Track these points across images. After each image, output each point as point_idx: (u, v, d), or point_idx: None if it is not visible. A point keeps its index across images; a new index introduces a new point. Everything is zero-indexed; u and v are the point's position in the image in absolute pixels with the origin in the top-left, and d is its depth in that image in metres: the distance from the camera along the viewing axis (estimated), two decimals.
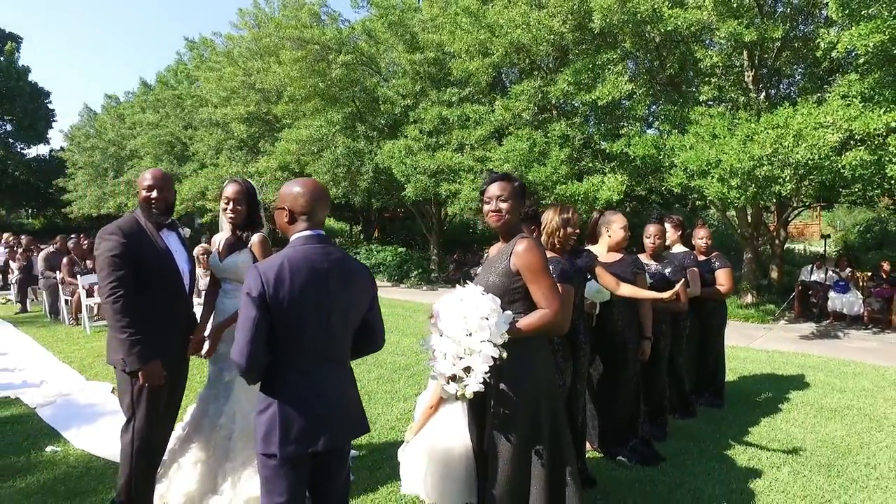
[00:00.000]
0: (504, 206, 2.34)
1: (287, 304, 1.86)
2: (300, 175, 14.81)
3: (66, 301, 8.67)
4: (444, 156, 11.72)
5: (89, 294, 8.12)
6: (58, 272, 8.85)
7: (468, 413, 2.54)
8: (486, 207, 2.40)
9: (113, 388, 5.18)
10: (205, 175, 17.88)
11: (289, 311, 1.87)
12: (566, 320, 2.58)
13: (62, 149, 33.70)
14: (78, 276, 8.05)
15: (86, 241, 9.82)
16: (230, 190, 3.02)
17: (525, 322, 2.25)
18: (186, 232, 3.01)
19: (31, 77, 35.82)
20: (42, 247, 11.28)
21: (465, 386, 2.16)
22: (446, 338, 2.21)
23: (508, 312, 2.23)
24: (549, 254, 2.75)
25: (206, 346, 3.03)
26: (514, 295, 2.32)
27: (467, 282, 2.38)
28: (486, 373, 2.14)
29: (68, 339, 7.53)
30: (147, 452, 2.71)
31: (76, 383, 5.40)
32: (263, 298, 1.83)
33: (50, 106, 37.20)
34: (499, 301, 2.23)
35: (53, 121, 37.59)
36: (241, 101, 17.14)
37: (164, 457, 2.96)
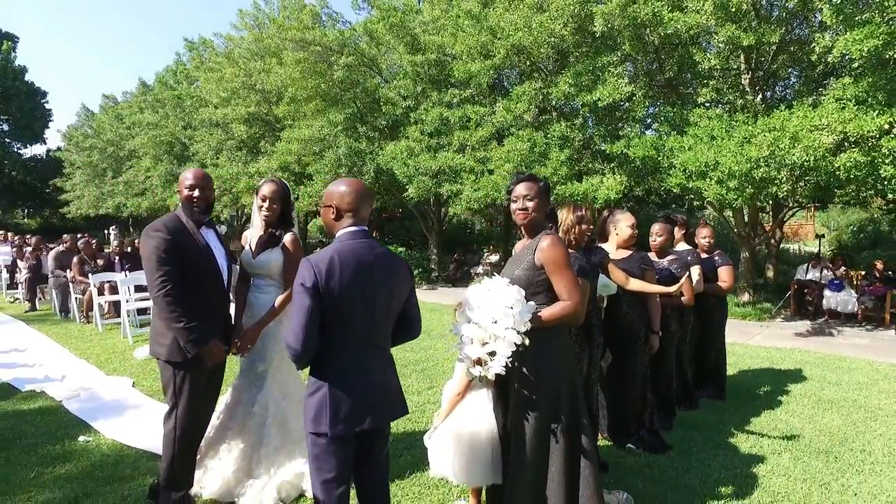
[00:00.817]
0: (530, 204, 2.52)
1: (337, 293, 2.03)
2: (301, 175, 14.93)
3: (77, 299, 8.79)
4: (445, 157, 11.87)
5: (100, 292, 8.24)
6: (68, 271, 8.97)
7: (494, 397, 2.71)
8: (513, 206, 2.57)
9: (133, 383, 5.32)
10: None
11: (338, 301, 2.03)
12: (583, 312, 2.78)
13: (59, 149, 33.71)
14: (89, 275, 8.17)
15: (93, 241, 9.95)
16: (267, 189, 3.15)
17: (547, 312, 2.42)
18: (223, 229, 3.15)
19: (27, 77, 35.83)
20: (51, 246, 11.39)
21: (489, 368, 2.34)
22: (474, 324, 2.39)
23: (532, 303, 2.40)
24: None
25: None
26: (537, 287, 2.49)
27: (494, 274, 2.56)
28: (508, 357, 2.31)
29: (81, 336, 7.64)
30: (188, 439, 2.86)
31: (96, 378, 5.51)
32: (317, 288, 1.99)
33: (47, 106, 37.24)
34: (523, 292, 2.40)
35: (50, 121, 37.69)
36: (241, 101, 17.22)
37: (201, 444, 3.09)
